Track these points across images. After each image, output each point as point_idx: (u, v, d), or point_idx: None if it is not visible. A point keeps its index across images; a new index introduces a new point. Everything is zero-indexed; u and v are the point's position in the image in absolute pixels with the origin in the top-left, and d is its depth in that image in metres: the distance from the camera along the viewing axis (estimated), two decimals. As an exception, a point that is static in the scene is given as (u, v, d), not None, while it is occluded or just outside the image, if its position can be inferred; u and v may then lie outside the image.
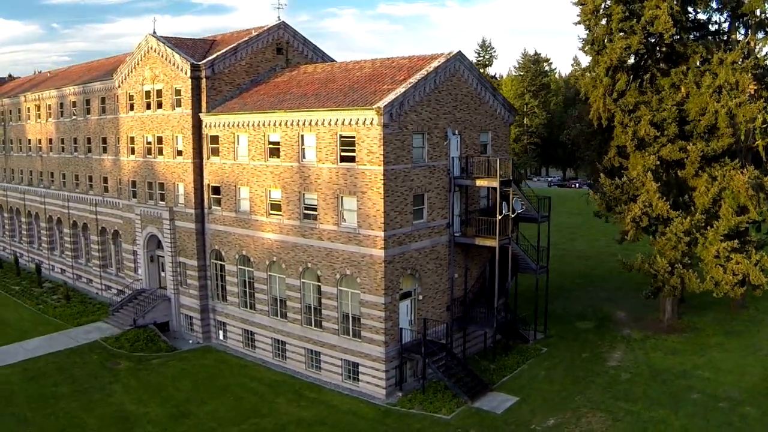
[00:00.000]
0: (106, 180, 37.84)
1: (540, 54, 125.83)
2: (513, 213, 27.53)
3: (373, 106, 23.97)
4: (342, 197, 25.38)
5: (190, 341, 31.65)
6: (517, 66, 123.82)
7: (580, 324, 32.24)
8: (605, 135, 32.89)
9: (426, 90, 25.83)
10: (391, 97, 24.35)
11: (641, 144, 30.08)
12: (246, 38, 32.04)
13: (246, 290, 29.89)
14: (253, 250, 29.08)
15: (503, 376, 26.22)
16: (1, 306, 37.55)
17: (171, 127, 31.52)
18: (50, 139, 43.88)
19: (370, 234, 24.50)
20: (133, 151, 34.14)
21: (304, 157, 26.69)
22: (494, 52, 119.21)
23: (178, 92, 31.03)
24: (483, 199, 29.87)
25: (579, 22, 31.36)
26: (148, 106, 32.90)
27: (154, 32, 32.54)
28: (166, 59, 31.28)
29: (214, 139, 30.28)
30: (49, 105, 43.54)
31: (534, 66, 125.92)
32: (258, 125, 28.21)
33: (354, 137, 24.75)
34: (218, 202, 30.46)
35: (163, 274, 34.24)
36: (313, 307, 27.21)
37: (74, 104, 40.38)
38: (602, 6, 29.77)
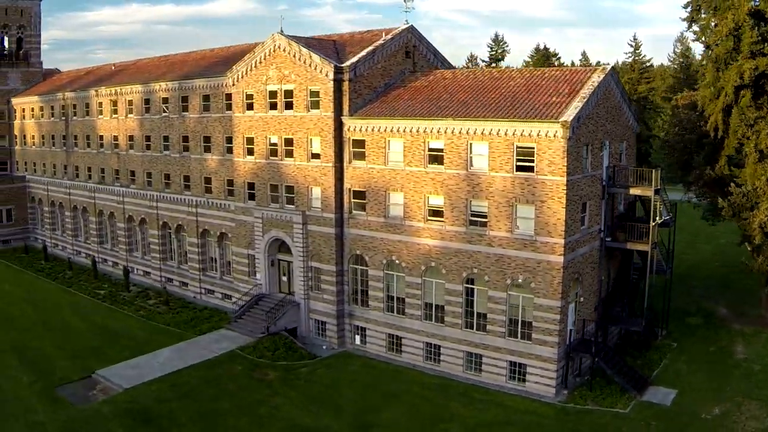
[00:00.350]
0: (208, 180, 36.74)
1: (549, 48, 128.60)
2: (660, 219, 28.70)
3: (559, 120, 24.33)
4: (516, 205, 25.64)
5: (324, 347, 31.25)
6: (531, 61, 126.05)
7: (690, 320, 33.44)
8: (714, 145, 34.30)
9: (593, 103, 26.44)
10: (574, 111, 24.84)
11: (762, 156, 31.61)
12: (381, 41, 31.46)
13: (394, 295, 29.93)
14: (405, 256, 28.79)
15: (652, 370, 27.59)
16: (97, 314, 36.27)
17: (305, 130, 30.74)
18: (131, 136, 42.24)
19: (548, 241, 24.94)
20: (251, 152, 33.31)
21: (472, 165, 26.75)
22: (507, 46, 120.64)
23: (314, 94, 30.17)
24: (618, 205, 30.98)
25: (697, 39, 32.61)
26: (273, 107, 32.07)
27: (282, 31, 31.77)
28: (300, 60, 30.40)
29: (359, 143, 29.69)
30: (130, 100, 41.80)
31: (546, 62, 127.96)
32: (417, 131, 27.76)
33: (533, 148, 25.05)
34: (361, 207, 30.06)
35: (284, 278, 33.91)
36: (475, 311, 27.53)
37: (165, 101, 38.94)
38: (733, 28, 30.74)
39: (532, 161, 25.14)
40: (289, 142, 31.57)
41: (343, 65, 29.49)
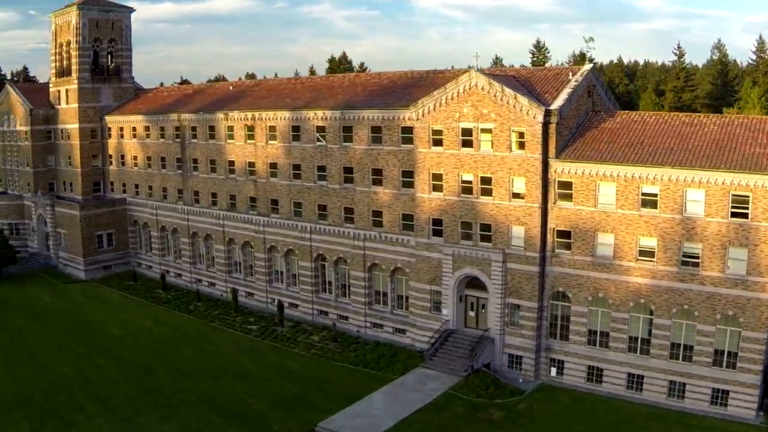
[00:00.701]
0: (378, 214, 40.78)
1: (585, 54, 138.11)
2: None
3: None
4: (729, 248, 30.27)
5: (520, 380, 35.62)
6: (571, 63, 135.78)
7: None
8: None
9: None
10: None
11: None
12: (574, 81, 35.69)
13: (597, 329, 34.09)
14: (613, 293, 33.20)
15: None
16: (267, 354, 39.78)
17: (507, 170, 34.72)
18: (273, 164, 46.14)
19: (759, 280, 29.85)
20: (438, 189, 37.15)
21: (686, 210, 31.12)
22: (548, 52, 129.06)
23: (517, 134, 34.25)
24: None
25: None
26: (466, 144, 35.92)
27: (479, 69, 35.17)
28: (501, 100, 34.24)
29: (565, 185, 33.88)
30: (272, 126, 45.61)
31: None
32: (630, 177, 32.06)
33: (748, 196, 29.84)
34: (565, 246, 34.26)
35: (470, 313, 37.71)
36: (681, 343, 31.99)
37: (321, 129, 42.63)
38: None
39: (747, 208, 30.10)
40: (486, 180, 35.52)
41: (551, 108, 33.45)
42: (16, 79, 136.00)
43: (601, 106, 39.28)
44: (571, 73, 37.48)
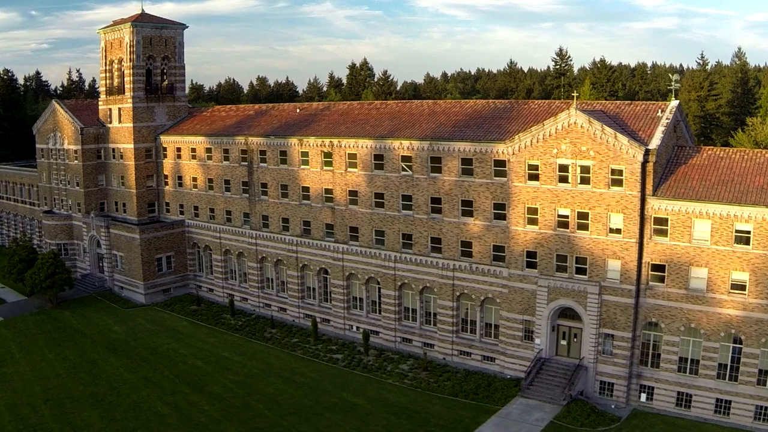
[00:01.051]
0: (467, 244, 46.65)
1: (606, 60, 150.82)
2: None
3: None
4: None
5: (612, 405, 41.79)
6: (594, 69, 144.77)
7: None
8: None
9: None
10: None
11: None
12: (666, 119, 41.96)
13: (687, 357, 40.13)
14: (705, 323, 39.28)
15: None
16: (364, 387, 44.84)
17: (605, 206, 40.72)
18: (353, 191, 52.13)
19: None
20: (533, 222, 42.76)
21: None
22: (570, 60, 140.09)
23: (615, 172, 40.07)
24: None
25: None
26: (563, 179, 41.60)
27: (578, 107, 40.45)
28: (601, 138, 40.14)
29: (661, 221, 39.97)
30: (352, 154, 51.63)
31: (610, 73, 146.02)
32: (725, 215, 38.09)
33: None
34: (659, 279, 40.36)
35: (562, 342, 43.32)
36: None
37: (407, 159, 48.18)
38: None
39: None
40: (583, 215, 41.32)
41: (650, 148, 39.04)
42: (27, 83, 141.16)
43: (683, 140, 45.93)
44: (660, 110, 43.24)
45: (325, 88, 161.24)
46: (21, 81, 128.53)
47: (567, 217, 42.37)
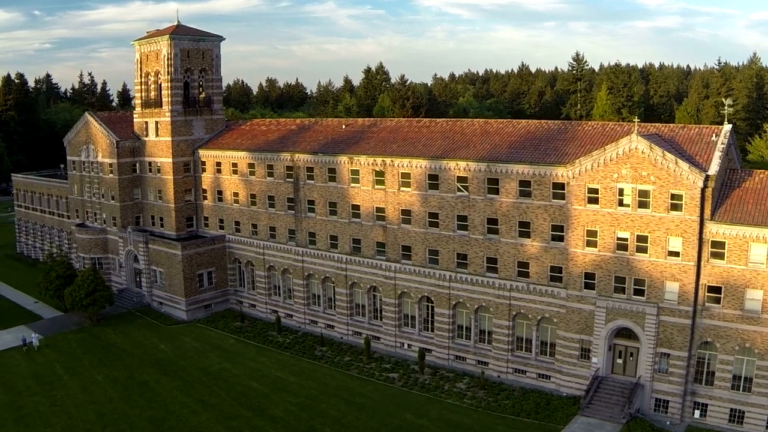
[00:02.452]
0: (523, 265, 49.66)
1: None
2: None
3: None
4: None
5: (667, 422, 45.19)
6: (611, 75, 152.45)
7: None
8: None
9: None
10: None
11: None
12: (721, 144, 45.11)
13: (741, 375, 43.45)
14: (759, 343, 42.68)
15: None
16: (424, 407, 47.46)
17: (664, 229, 43.91)
18: (405, 211, 55.16)
19: None
20: (592, 244, 45.75)
21: None
22: (586, 65, 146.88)
23: (675, 197, 43.28)
24: None
25: None
26: (622, 203, 44.73)
27: (640, 133, 43.45)
28: (661, 164, 43.23)
29: (718, 244, 43.24)
30: (406, 173, 54.62)
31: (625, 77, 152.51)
32: None
33: None
34: (715, 300, 43.69)
35: (618, 361, 46.52)
36: None
37: (463, 180, 51.18)
38: None
39: None
40: (642, 238, 44.28)
41: (710, 174, 41.93)
42: (38, 85, 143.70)
43: (733, 163, 49.38)
44: (714, 135, 46.37)
45: (335, 87, 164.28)
46: (31, 83, 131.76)
47: (626, 239, 45.67)
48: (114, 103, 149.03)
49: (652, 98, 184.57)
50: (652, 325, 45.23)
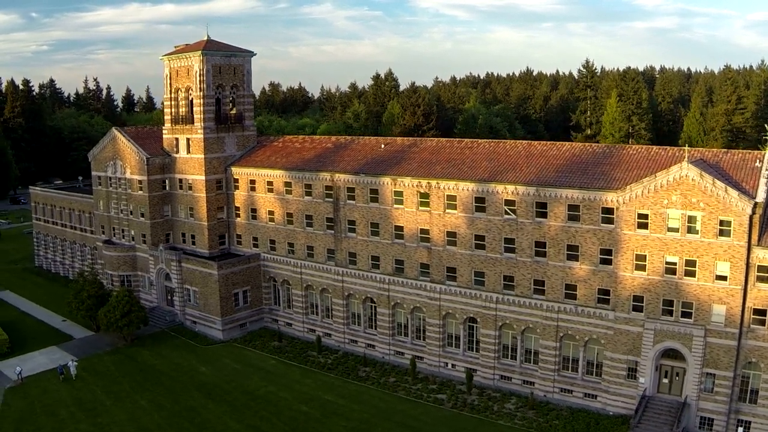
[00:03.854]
0: (571, 287, 53.61)
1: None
2: None
3: None
4: None
5: None
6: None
7: None
8: None
9: None
10: None
11: None
12: (766, 168, 48.07)
13: None
14: None
15: None
16: (475, 427, 50.67)
17: (713, 254, 47.97)
18: (451, 233, 58.85)
19: None
20: (641, 268, 49.42)
21: None
22: (596, 71, 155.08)
23: (724, 223, 47.23)
24: None
25: None
26: (671, 229, 48.41)
27: (691, 162, 47.04)
28: (711, 191, 47.28)
29: (764, 269, 47.48)
30: (451, 195, 58.37)
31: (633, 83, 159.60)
32: None
33: None
34: (759, 323, 47.83)
35: (664, 380, 50.04)
36: None
37: (510, 203, 54.87)
38: None
39: None
40: (690, 263, 47.94)
41: (758, 201, 45.95)
42: (42, 90, 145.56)
43: None
44: (758, 160, 50.40)
45: (340, 90, 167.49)
46: (36, 89, 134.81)
47: (675, 264, 49.67)
48: (119, 109, 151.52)
49: (660, 104, 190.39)
50: (699, 347, 49.28)
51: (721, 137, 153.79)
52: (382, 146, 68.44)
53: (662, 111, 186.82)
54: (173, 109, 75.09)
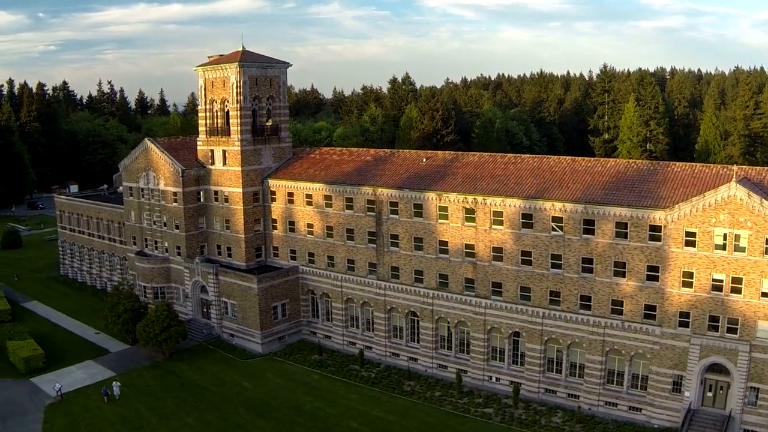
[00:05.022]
0: (617, 303, 57.87)
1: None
2: None
3: None
4: None
5: None
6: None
7: None
8: None
9: None
10: None
11: None
12: None
13: None
14: None
15: None
16: None
17: (759, 272, 52.60)
18: (496, 248, 63.32)
19: None
20: (688, 285, 53.73)
21: None
22: (614, 75, 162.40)
23: None
24: None
25: None
26: (718, 247, 52.41)
27: (739, 182, 51.16)
28: (759, 211, 52.08)
29: None
30: (497, 212, 62.76)
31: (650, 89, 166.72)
32: None
33: None
34: None
35: (708, 394, 54.52)
36: None
37: (557, 219, 59.16)
38: None
39: None
40: (737, 280, 51.95)
41: None
42: (56, 93, 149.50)
43: None
44: (800, 181, 54.46)
45: (353, 93, 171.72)
46: (50, 92, 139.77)
47: (721, 281, 54.17)
48: (132, 111, 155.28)
49: (676, 108, 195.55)
50: (744, 362, 53.82)
51: (739, 142, 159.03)
52: (424, 160, 72.79)
53: (678, 115, 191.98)
54: (208, 121, 79.10)
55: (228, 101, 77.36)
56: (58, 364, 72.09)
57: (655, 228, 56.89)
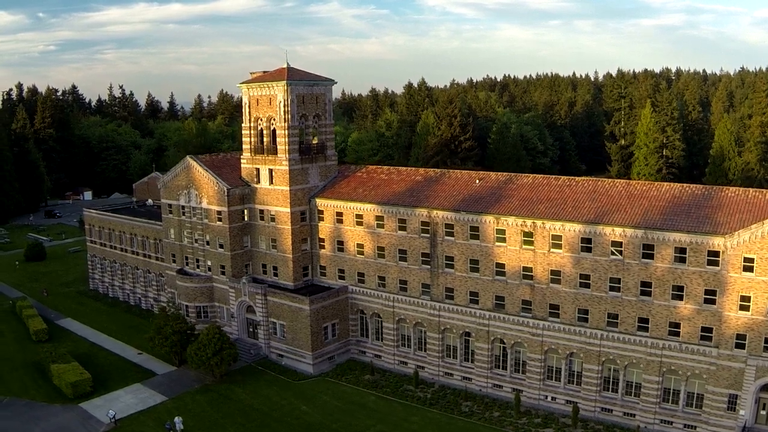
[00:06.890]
0: (675, 325, 65.44)
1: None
2: None
3: None
4: None
5: None
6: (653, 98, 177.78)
7: None
8: None
9: None
10: None
11: None
12: None
13: None
14: None
15: None
16: None
17: None
18: (555, 271, 70.60)
19: None
20: (745, 308, 61.47)
21: None
22: (631, 81, 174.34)
23: None
24: None
25: None
26: None
27: None
28: None
29: None
30: (557, 236, 70.50)
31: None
32: None
33: None
34: None
35: (762, 412, 62.16)
36: None
37: (617, 244, 65.83)
38: None
39: None
40: None
41: None
42: (65, 96, 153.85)
43: None
44: None
45: (348, 92, 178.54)
46: (59, 94, 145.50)
47: (783, 306, 62.35)
48: (142, 115, 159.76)
49: (690, 113, 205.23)
50: (801, 382, 62.05)
51: (756, 149, 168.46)
52: (477, 182, 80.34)
53: (692, 120, 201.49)
54: (253, 138, 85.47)
55: (275, 119, 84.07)
56: (106, 388, 77.86)
57: (713, 253, 64.82)
